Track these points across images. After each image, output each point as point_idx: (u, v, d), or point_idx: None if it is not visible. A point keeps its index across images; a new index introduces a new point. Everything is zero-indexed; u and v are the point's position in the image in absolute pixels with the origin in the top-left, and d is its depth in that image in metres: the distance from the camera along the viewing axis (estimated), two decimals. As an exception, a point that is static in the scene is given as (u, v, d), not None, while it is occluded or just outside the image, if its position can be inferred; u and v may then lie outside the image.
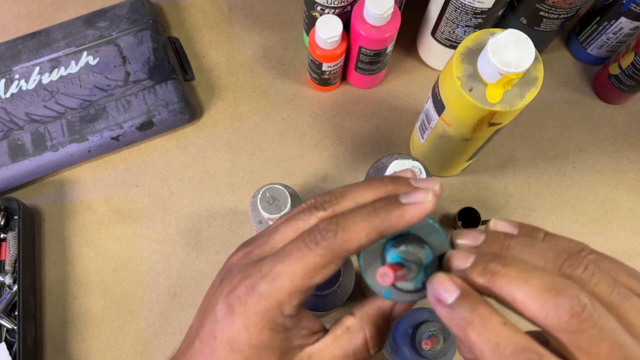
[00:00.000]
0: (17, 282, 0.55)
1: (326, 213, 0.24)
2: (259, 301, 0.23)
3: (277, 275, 0.23)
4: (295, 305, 0.24)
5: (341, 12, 0.56)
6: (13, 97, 0.61)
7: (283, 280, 0.23)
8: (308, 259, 0.23)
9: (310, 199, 0.26)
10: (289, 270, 0.23)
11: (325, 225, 0.23)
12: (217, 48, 0.67)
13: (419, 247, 0.24)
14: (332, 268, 0.23)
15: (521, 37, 0.39)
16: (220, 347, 0.24)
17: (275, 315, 0.23)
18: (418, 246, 0.24)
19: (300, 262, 0.23)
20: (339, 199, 0.25)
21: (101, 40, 0.63)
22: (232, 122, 0.64)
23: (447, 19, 0.56)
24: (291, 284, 0.23)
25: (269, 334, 0.24)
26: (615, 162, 0.62)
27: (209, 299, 0.26)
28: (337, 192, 0.25)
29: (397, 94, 0.65)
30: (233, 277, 0.25)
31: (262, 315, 0.23)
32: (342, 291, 0.48)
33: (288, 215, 0.26)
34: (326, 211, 0.24)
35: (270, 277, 0.23)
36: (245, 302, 0.24)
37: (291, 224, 0.25)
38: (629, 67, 0.58)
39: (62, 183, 0.61)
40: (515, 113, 0.43)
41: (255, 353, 0.24)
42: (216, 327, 0.25)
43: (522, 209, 0.60)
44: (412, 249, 0.24)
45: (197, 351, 0.26)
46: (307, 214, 0.25)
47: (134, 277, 0.58)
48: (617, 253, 0.59)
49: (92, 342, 0.56)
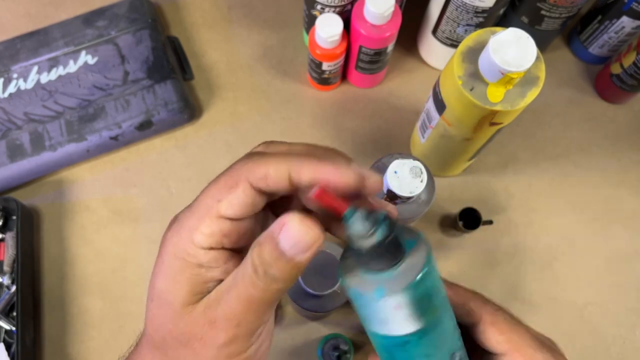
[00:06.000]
0: (15, 282, 0.54)
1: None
2: (174, 228, 0.24)
3: (194, 202, 0.24)
4: (207, 234, 0.23)
5: (341, 10, 0.56)
6: (11, 96, 0.60)
7: (196, 204, 0.24)
8: (219, 180, 0.24)
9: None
10: (203, 193, 0.24)
11: (248, 153, 0.25)
12: (217, 47, 0.67)
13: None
14: (239, 193, 0.23)
15: (522, 36, 0.39)
16: (149, 290, 0.25)
17: (186, 242, 0.23)
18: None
19: (212, 185, 0.24)
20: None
21: (100, 40, 0.63)
22: (232, 121, 0.63)
23: (448, 18, 0.56)
24: (202, 205, 0.23)
25: (178, 264, 0.23)
26: (617, 162, 0.62)
27: None
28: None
29: (398, 94, 0.65)
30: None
31: (174, 242, 0.24)
32: (342, 292, 0.48)
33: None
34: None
35: (189, 206, 0.24)
36: (167, 231, 0.25)
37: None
38: (630, 66, 0.57)
39: (61, 183, 0.61)
40: (517, 112, 0.43)
41: (165, 286, 0.24)
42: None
43: (523, 209, 0.60)
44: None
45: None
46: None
47: (133, 277, 0.58)
48: (619, 253, 0.59)
49: (91, 343, 0.56)
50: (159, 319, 0.24)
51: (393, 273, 0.23)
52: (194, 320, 0.23)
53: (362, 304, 0.24)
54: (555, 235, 0.59)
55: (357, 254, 0.23)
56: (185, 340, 0.24)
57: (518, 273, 0.58)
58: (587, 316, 0.57)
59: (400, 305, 0.23)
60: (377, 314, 0.24)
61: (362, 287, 0.23)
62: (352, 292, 0.24)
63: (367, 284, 0.23)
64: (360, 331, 0.56)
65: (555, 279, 0.58)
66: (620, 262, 0.59)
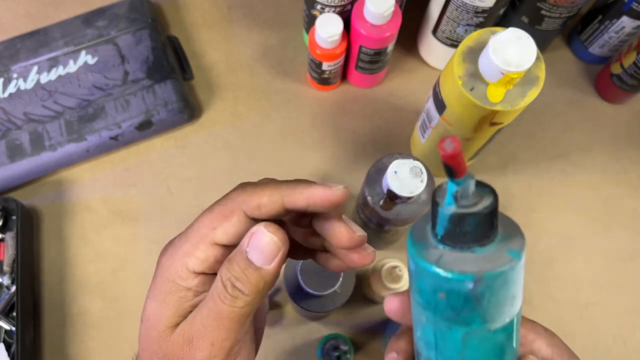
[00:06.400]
0: (15, 282, 0.54)
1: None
2: (169, 252, 0.25)
3: (189, 228, 0.25)
4: (200, 259, 0.24)
5: (341, 10, 0.56)
6: (11, 96, 0.60)
7: (191, 230, 0.25)
8: (214, 209, 0.25)
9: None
10: (198, 221, 0.25)
11: (237, 186, 0.26)
12: (217, 47, 0.67)
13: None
14: (234, 221, 0.24)
15: (523, 36, 0.39)
16: (142, 312, 0.26)
17: (180, 267, 0.24)
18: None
19: (208, 213, 0.25)
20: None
21: (100, 40, 0.63)
22: (232, 121, 0.63)
23: (448, 18, 0.56)
24: (197, 233, 0.25)
25: (167, 286, 0.25)
26: (617, 162, 0.62)
27: None
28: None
29: (398, 94, 0.65)
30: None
31: (168, 265, 0.25)
32: (342, 292, 0.48)
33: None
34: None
35: (184, 232, 0.26)
36: (162, 255, 0.26)
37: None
38: (630, 66, 0.57)
39: (61, 183, 0.61)
40: (517, 112, 0.43)
41: (153, 308, 0.25)
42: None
43: (523, 209, 0.60)
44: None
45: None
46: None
47: (133, 277, 0.58)
48: (619, 253, 0.59)
49: (91, 343, 0.56)
50: (147, 340, 0.25)
51: (503, 236, 0.20)
52: (174, 341, 0.24)
53: (499, 285, 0.19)
54: (555, 235, 0.59)
55: (471, 224, 0.19)
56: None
57: (518, 273, 0.58)
58: (587, 316, 0.57)
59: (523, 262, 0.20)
60: (511, 287, 0.20)
61: (495, 262, 0.19)
62: (490, 275, 0.19)
63: (494, 258, 0.19)
64: (360, 331, 0.56)
65: (555, 279, 0.58)
66: (620, 262, 0.58)
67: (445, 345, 0.21)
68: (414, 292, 0.21)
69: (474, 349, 0.20)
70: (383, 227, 0.49)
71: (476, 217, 0.19)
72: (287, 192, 0.24)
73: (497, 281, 0.19)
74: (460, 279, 0.19)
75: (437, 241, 0.20)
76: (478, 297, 0.19)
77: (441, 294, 0.19)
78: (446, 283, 0.19)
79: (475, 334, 0.20)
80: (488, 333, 0.20)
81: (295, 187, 0.25)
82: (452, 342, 0.20)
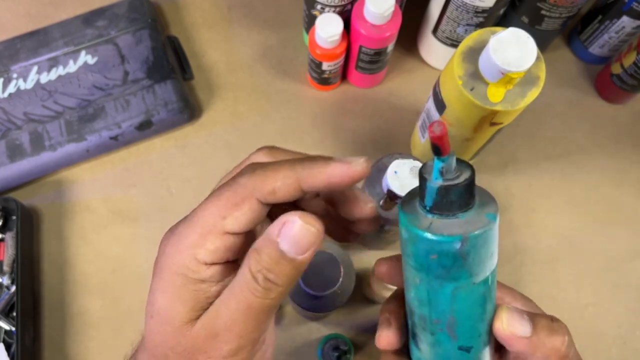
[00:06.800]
0: (15, 282, 0.54)
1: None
2: (173, 242, 0.23)
3: (194, 215, 0.23)
4: (210, 250, 0.22)
5: (341, 10, 0.56)
6: (11, 96, 0.60)
7: (197, 219, 0.23)
8: (222, 195, 0.23)
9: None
10: (203, 209, 0.23)
11: (248, 166, 0.24)
12: (217, 47, 0.67)
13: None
14: (245, 209, 0.22)
15: (523, 36, 0.39)
16: (147, 302, 0.25)
17: (188, 259, 0.23)
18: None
19: (215, 200, 0.23)
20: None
21: (100, 40, 0.63)
22: (232, 121, 0.63)
23: (448, 18, 0.56)
24: (204, 223, 0.23)
25: (180, 281, 0.23)
26: (618, 162, 0.62)
27: None
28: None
29: (398, 94, 0.65)
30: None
31: (175, 259, 0.23)
32: (342, 292, 0.48)
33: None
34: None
35: (188, 218, 0.24)
36: (165, 245, 0.24)
37: (235, 172, 0.25)
38: (631, 66, 0.57)
39: (61, 183, 0.61)
40: (517, 112, 0.43)
41: (166, 303, 0.23)
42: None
43: (524, 209, 0.60)
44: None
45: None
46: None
47: (133, 277, 0.57)
48: (619, 253, 0.59)
49: (91, 343, 0.56)
50: (160, 336, 0.24)
51: (479, 203, 0.23)
52: (195, 336, 0.23)
53: (481, 244, 0.23)
54: (555, 235, 0.59)
55: (456, 194, 0.22)
56: (188, 355, 0.23)
57: (518, 273, 0.58)
58: (587, 316, 0.57)
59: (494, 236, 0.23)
60: (491, 245, 0.23)
61: (476, 224, 0.22)
62: (474, 236, 0.22)
63: (475, 221, 0.22)
64: (360, 331, 0.56)
65: (555, 279, 0.58)
66: (620, 262, 0.58)
67: (438, 301, 0.24)
68: (407, 257, 0.24)
69: (462, 301, 0.24)
70: (383, 227, 0.49)
71: (459, 187, 0.22)
72: (304, 172, 0.22)
73: (479, 240, 0.22)
74: (449, 240, 0.22)
75: (426, 211, 0.23)
76: (464, 255, 0.22)
77: (433, 256, 0.23)
78: (437, 245, 0.22)
79: (462, 288, 0.23)
80: (473, 286, 0.23)
81: (312, 166, 0.23)
82: (443, 297, 0.24)
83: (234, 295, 0.22)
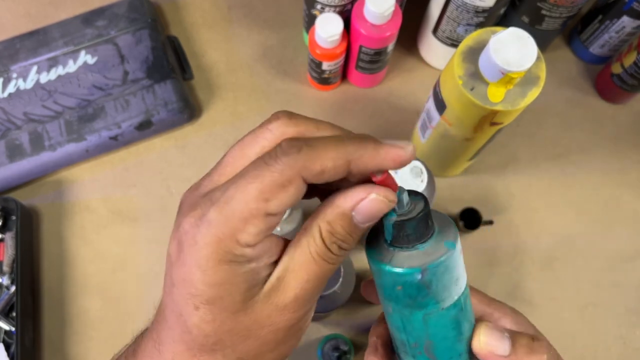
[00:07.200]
0: (15, 283, 0.54)
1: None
2: (208, 231, 0.21)
3: (230, 199, 0.21)
4: (254, 234, 0.21)
5: (341, 10, 0.56)
6: (11, 96, 0.60)
7: (235, 203, 0.21)
8: (264, 176, 0.21)
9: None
10: (242, 191, 0.21)
11: (289, 142, 0.21)
12: (217, 47, 0.67)
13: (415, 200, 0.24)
14: (292, 192, 0.21)
15: (523, 35, 0.39)
16: (178, 294, 0.22)
17: (231, 245, 0.21)
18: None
19: (255, 181, 0.21)
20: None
21: (99, 40, 0.63)
22: (232, 121, 0.63)
23: (449, 18, 0.56)
24: (245, 207, 0.20)
25: (227, 267, 0.21)
26: (618, 162, 0.62)
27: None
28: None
29: (398, 93, 0.65)
30: (182, 213, 0.23)
31: (214, 247, 0.21)
32: (343, 292, 0.48)
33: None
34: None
35: (221, 202, 0.21)
36: (195, 235, 0.21)
37: (252, 144, 0.23)
38: (631, 66, 0.57)
39: (60, 183, 0.61)
40: (517, 112, 0.43)
41: (216, 292, 0.22)
42: (172, 272, 0.22)
43: (524, 209, 0.60)
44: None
45: (164, 306, 0.24)
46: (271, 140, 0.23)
47: (133, 277, 0.57)
48: (619, 253, 0.59)
49: (91, 344, 0.56)
50: (214, 325, 0.22)
51: (439, 230, 0.24)
52: (259, 312, 0.22)
53: (441, 272, 0.23)
54: (555, 235, 0.59)
55: (410, 227, 0.23)
56: (250, 332, 0.23)
57: (518, 273, 0.58)
58: (587, 316, 0.57)
59: (460, 248, 0.24)
60: (453, 272, 0.24)
61: (434, 255, 0.23)
62: (432, 267, 0.23)
63: (432, 252, 0.23)
64: (360, 331, 0.56)
65: (556, 279, 0.58)
66: (620, 262, 0.58)
67: (412, 327, 0.25)
68: (378, 288, 0.25)
69: (434, 325, 0.25)
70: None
71: (413, 221, 0.23)
72: (356, 154, 0.21)
73: (440, 269, 0.23)
74: (410, 272, 0.23)
75: (387, 245, 0.24)
76: (427, 285, 0.23)
77: (398, 287, 0.24)
78: (400, 278, 0.23)
79: (432, 314, 0.24)
80: (442, 311, 0.24)
81: (364, 147, 0.21)
82: (416, 324, 0.25)
83: (305, 266, 0.22)
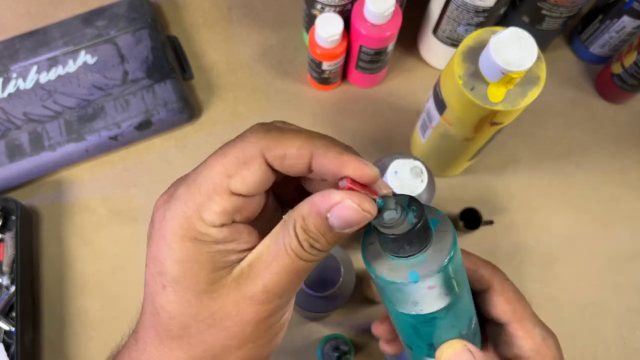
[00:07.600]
0: (14, 283, 0.54)
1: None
2: (176, 206, 0.22)
3: (197, 175, 0.22)
4: (218, 212, 0.21)
5: (341, 10, 0.56)
6: (10, 96, 0.60)
7: (201, 178, 0.21)
8: (229, 153, 0.21)
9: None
10: (208, 168, 0.21)
11: (261, 124, 0.22)
12: (217, 47, 0.66)
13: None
14: (254, 170, 0.21)
15: (523, 35, 0.39)
16: (149, 273, 0.23)
17: (195, 221, 0.21)
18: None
19: (221, 157, 0.21)
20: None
21: (99, 39, 0.63)
22: (232, 121, 0.63)
23: (449, 18, 0.56)
24: (209, 182, 0.21)
25: (191, 245, 0.21)
26: (618, 162, 0.62)
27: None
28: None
29: (398, 93, 0.65)
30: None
31: (179, 222, 0.21)
32: (343, 292, 0.48)
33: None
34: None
35: (190, 179, 0.22)
36: (164, 211, 0.22)
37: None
38: (631, 66, 0.57)
39: (60, 183, 0.61)
40: (517, 112, 0.43)
41: (181, 270, 0.22)
42: (147, 252, 0.23)
43: (524, 209, 0.60)
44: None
45: (143, 294, 0.25)
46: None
47: (133, 278, 0.57)
48: (619, 253, 0.59)
49: (90, 344, 0.56)
50: (180, 306, 0.22)
51: (425, 255, 0.23)
52: (225, 297, 0.22)
53: (393, 289, 0.24)
54: (555, 235, 0.59)
55: (385, 240, 0.23)
56: (215, 320, 0.22)
57: (518, 273, 0.58)
58: (587, 316, 0.57)
59: (434, 285, 0.23)
60: (409, 297, 0.24)
61: (395, 273, 0.23)
62: (383, 279, 0.24)
63: (399, 270, 0.23)
64: (360, 331, 0.56)
65: (556, 279, 0.58)
66: (620, 262, 0.58)
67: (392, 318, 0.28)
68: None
69: (397, 320, 0.27)
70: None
71: (388, 237, 0.23)
72: (320, 150, 0.21)
73: (390, 286, 0.24)
74: (372, 272, 0.24)
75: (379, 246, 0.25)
76: (381, 289, 0.25)
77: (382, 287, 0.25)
78: (376, 279, 0.25)
79: (393, 312, 0.26)
80: (400, 313, 0.26)
81: (330, 148, 0.21)
82: (391, 315, 0.27)
83: (279, 258, 0.22)
